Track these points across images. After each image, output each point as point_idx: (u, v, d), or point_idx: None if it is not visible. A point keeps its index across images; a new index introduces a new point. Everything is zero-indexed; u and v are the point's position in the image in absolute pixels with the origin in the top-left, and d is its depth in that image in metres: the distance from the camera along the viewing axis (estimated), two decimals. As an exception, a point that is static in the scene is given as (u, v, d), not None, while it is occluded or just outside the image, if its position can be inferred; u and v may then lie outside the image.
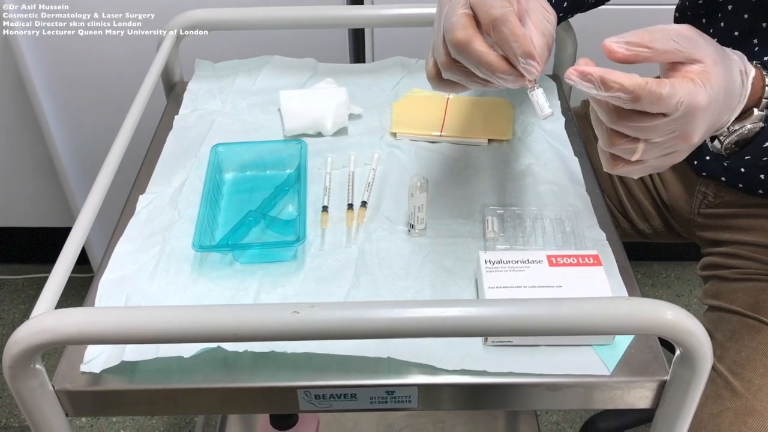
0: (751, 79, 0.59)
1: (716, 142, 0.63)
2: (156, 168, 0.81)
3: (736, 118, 0.60)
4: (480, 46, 0.55)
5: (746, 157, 0.64)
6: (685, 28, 0.54)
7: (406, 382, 0.59)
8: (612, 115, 0.53)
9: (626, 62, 0.52)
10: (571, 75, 0.52)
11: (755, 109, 0.61)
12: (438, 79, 0.61)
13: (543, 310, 0.51)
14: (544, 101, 0.56)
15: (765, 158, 0.64)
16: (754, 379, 0.76)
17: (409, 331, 0.51)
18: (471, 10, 0.56)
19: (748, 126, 0.61)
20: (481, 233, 0.72)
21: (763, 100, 0.60)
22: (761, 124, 0.61)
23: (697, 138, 0.55)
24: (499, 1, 0.54)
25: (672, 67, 0.54)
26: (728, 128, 0.61)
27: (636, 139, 0.54)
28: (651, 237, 1.01)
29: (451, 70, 0.58)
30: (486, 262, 0.64)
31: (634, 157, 0.55)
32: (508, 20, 0.53)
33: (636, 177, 0.63)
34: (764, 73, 0.61)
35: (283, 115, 0.86)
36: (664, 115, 0.52)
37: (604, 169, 0.58)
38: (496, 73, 0.55)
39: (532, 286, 0.62)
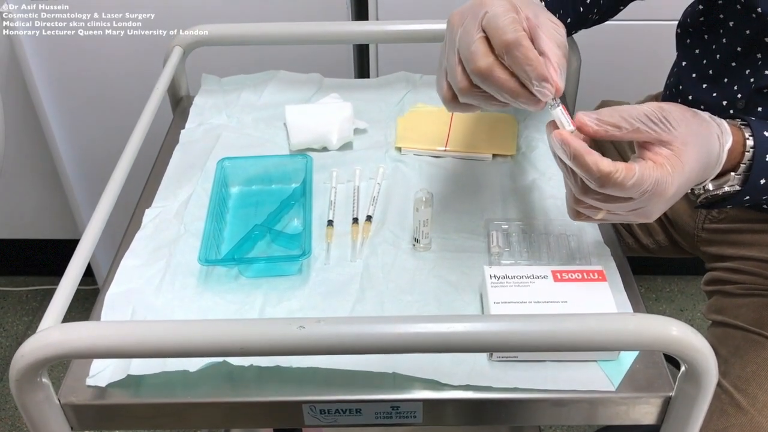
0: (726, 151, 0.60)
1: (690, 194, 0.64)
2: (162, 182, 0.81)
3: (713, 179, 0.62)
4: (501, 73, 0.56)
5: (728, 207, 0.66)
6: (653, 107, 0.56)
7: (412, 398, 0.59)
8: (579, 189, 0.57)
9: (596, 137, 0.55)
10: (553, 138, 0.55)
11: (732, 173, 0.62)
12: (454, 102, 0.61)
13: (548, 325, 0.51)
14: (564, 119, 0.57)
15: (747, 205, 0.65)
16: (759, 395, 0.75)
17: (415, 346, 0.51)
18: (484, 32, 0.57)
19: (726, 188, 0.62)
20: (485, 248, 0.72)
21: (741, 165, 0.61)
22: (737, 187, 0.62)
23: (655, 217, 0.58)
24: (511, 24, 0.55)
25: (643, 144, 0.56)
26: (704, 187, 0.63)
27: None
28: (655, 252, 1.01)
29: (470, 95, 0.59)
30: (491, 277, 0.64)
31: (597, 217, 0.59)
32: (521, 44, 0.54)
33: (597, 224, 0.68)
34: (746, 135, 0.62)
35: (289, 129, 0.86)
36: (629, 197, 0.55)
37: (569, 218, 0.63)
38: (519, 98, 0.56)
39: (537, 302, 0.62)
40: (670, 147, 0.55)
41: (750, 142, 0.61)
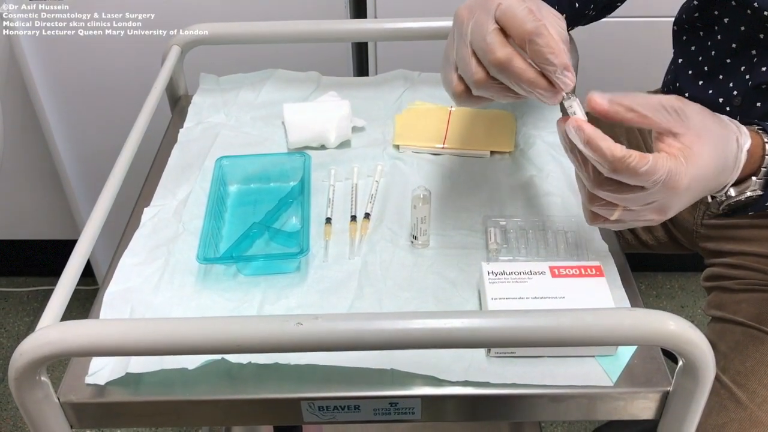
0: (744, 152, 0.60)
1: (713, 202, 0.64)
2: (161, 181, 0.81)
3: (734, 184, 0.62)
4: (520, 63, 0.55)
5: (749, 213, 0.65)
6: (671, 99, 0.56)
7: (410, 394, 0.59)
8: (592, 182, 0.56)
9: (606, 117, 0.55)
10: (568, 124, 0.55)
11: (753, 178, 0.62)
12: (465, 96, 0.61)
13: (546, 321, 0.51)
14: (579, 110, 0.56)
15: None
16: (758, 390, 0.76)
17: (413, 342, 0.51)
18: (497, 23, 0.57)
19: (748, 193, 0.62)
20: (483, 245, 0.72)
21: (762, 168, 0.61)
22: (760, 192, 0.62)
23: (671, 213, 0.58)
24: (529, 14, 0.55)
25: (658, 136, 0.56)
26: (726, 194, 0.63)
27: (614, 203, 0.57)
28: (654, 248, 1.01)
29: (486, 87, 0.59)
30: (489, 273, 0.64)
31: (612, 218, 0.59)
32: (542, 34, 0.54)
33: (616, 230, 0.67)
34: (766, 139, 0.61)
35: (287, 128, 0.86)
36: (642, 187, 0.54)
37: (586, 222, 0.62)
38: (537, 89, 0.56)
39: (535, 298, 0.62)
40: (682, 140, 0.55)
41: None
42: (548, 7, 0.60)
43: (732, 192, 0.62)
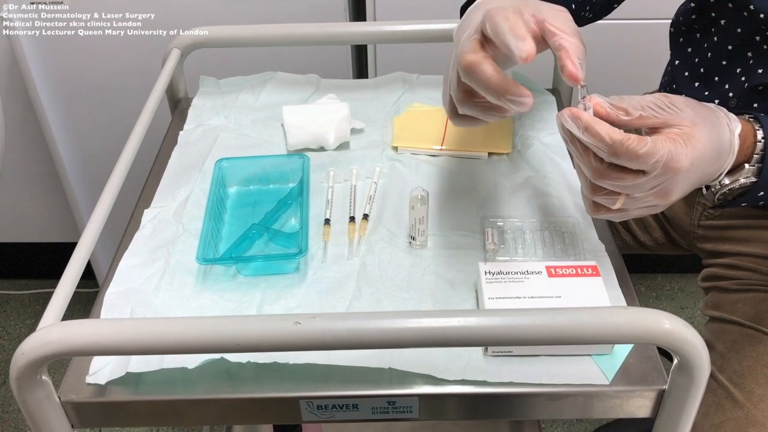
0: (737, 137, 0.61)
1: (708, 193, 0.65)
2: (161, 183, 0.82)
3: (728, 173, 0.63)
4: (488, 68, 0.55)
5: (742, 204, 0.66)
6: (659, 96, 0.57)
7: (408, 392, 0.59)
8: (594, 171, 0.57)
9: (607, 120, 0.56)
10: (564, 114, 0.56)
11: (746, 165, 0.63)
12: (455, 115, 0.62)
13: (542, 320, 0.51)
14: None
15: (762, 203, 0.66)
16: (755, 390, 0.76)
17: (410, 341, 0.52)
18: (481, 35, 0.57)
19: (741, 180, 0.63)
20: (481, 245, 0.73)
21: (754, 155, 0.63)
22: (753, 179, 0.63)
23: (675, 197, 0.58)
24: (512, 15, 0.56)
25: (652, 131, 0.58)
26: (720, 182, 0.64)
27: (617, 192, 0.58)
28: (652, 249, 1.01)
29: (466, 104, 0.59)
30: (486, 273, 0.64)
31: (615, 207, 0.59)
32: (515, 24, 0.55)
33: (618, 221, 0.66)
34: (756, 127, 0.63)
35: (286, 130, 0.87)
36: (644, 173, 0.55)
37: (587, 213, 0.62)
38: (506, 95, 0.55)
39: (532, 297, 0.62)
40: (679, 127, 0.56)
41: (760, 134, 0.62)
42: (548, 4, 0.61)
43: (726, 180, 0.63)
